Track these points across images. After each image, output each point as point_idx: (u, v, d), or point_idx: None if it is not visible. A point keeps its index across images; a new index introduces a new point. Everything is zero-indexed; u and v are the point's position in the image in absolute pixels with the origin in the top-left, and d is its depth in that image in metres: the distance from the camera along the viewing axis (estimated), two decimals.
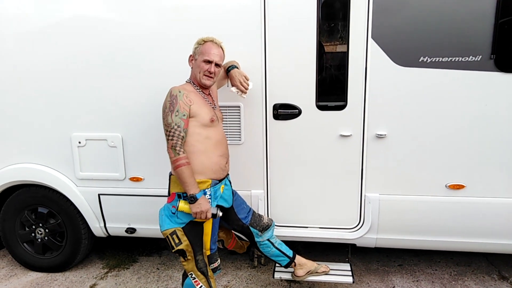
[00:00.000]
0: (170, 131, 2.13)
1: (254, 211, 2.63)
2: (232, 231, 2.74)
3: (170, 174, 2.30)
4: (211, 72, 2.24)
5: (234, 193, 2.54)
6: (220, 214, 2.25)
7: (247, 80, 2.51)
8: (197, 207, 2.12)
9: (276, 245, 2.63)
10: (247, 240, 2.68)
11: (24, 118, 2.99)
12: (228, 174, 2.48)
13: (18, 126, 3.01)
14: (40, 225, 3.25)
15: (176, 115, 2.12)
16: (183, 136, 2.13)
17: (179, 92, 2.16)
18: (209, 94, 2.39)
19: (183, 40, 2.62)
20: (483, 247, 2.78)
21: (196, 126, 2.20)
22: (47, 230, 3.25)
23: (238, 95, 2.52)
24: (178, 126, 2.12)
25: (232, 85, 2.51)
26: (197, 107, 2.20)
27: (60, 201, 3.15)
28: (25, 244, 3.33)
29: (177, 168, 2.12)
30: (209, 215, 2.17)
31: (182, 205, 2.17)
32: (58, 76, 2.87)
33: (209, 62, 2.23)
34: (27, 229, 3.29)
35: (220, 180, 2.34)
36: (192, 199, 2.12)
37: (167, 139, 2.15)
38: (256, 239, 2.58)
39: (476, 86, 2.46)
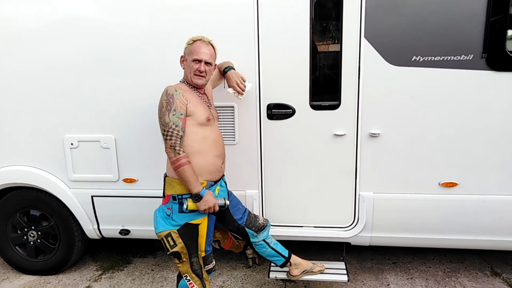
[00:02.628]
0: (168, 131, 2.09)
1: (249, 212, 2.62)
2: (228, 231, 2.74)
3: (165, 176, 2.28)
4: (201, 71, 2.22)
5: (229, 194, 2.53)
6: (228, 203, 2.26)
7: (244, 81, 2.51)
8: (204, 205, 2.12)
9: (271, 245, 2.63)
10: (243, 239, 2.69)
11: (16, 120, 2.95)
12: (223, 175, 2.47)
13: (10, 128, 2.97)
14: (33, 227, 3.22)
15: (173, 114, 2.09)
16: (181, 136, 2.10)
17: (176, 91, 2.14)
18: (204, 93, 2.38)
19: (177, 40, 2.60)
20: (476, 244, 2.81)
21: (193, 125, 2.19)
22: (39, 233, 3.22)
23: (234, 96, 2.51)
24: (176, 126, 2.09)
25: (229, 86, 2.51)
26: (193, 106, 2.18)
27: (52, 203, 3.12)
28: (17, 247, 3.29)
29: (178, 168, 2.08)
30: (217, 208, 2.18)
31: (191, 204, 2.14)
32: (49, 77, 2.83)
33: (199, 61, 2.21)
34: (19, 232, 3.25)
35: (216, 182, 2.33)
36: (197, 198, 2.11)
37: (165, 139, 2.11)
38: (252, 240, 2.58)
39: (468, 84, 2.48)
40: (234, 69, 2.54)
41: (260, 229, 2.55)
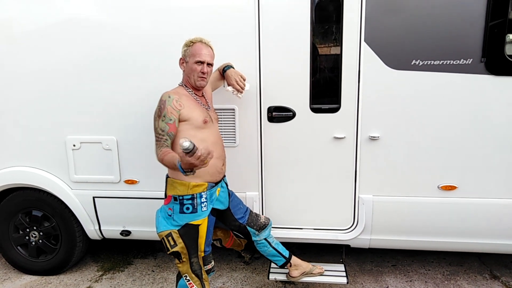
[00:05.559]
0: (156, 136, 2.17)
1: (251, 211, 2.65)
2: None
3: (167, 177, 2.31)
4: (204, 72, 2.26)
5: (230, 194, 2.56)
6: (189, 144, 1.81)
7: (244, 79, 2.53)
8: (196, 163, 1.81)
9: (273, 244, 2.65)
10: (244, 238, 2.71)
11: (18, 121, 2.98)
12: (224, 176, 2.50)
13: (12, 129, 3.00)
14: (34, 228, 3.24)
15: (162, 120, 2.14)
16: (166, 139, 2.15)
17: (169, 97, 2.18)
18: (202, 95, 2.41)
19: (178, 42, 2.62)
20: (475, 247, 2.81)
21: (190, 129, 2.22)
22: (41, 233, 3.24)
23: (234, 94, 2.53)
24: (163, 131, 2.14)
25: (228, 85, 2.53)
26: (188, 111, 2.21)
27: (54, 204, 3.14)
28: (19, 247, 3.31)
29: (162, 161, 2.09)
30: (204, 153, 1.81)
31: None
32: (52, 78, 2.86)
33: (201, 62, 2.25)
34: (21, 232, 3.28)
35: (217, 183, 2.36)
36: (187, 171, 1.88)
37: (155, 143, 2.18)
38: (253, 238, 2.60)
39: (467, 89, 2.50)
40: (233, 68, 2.57)
41: (261, 227, 2.58)
